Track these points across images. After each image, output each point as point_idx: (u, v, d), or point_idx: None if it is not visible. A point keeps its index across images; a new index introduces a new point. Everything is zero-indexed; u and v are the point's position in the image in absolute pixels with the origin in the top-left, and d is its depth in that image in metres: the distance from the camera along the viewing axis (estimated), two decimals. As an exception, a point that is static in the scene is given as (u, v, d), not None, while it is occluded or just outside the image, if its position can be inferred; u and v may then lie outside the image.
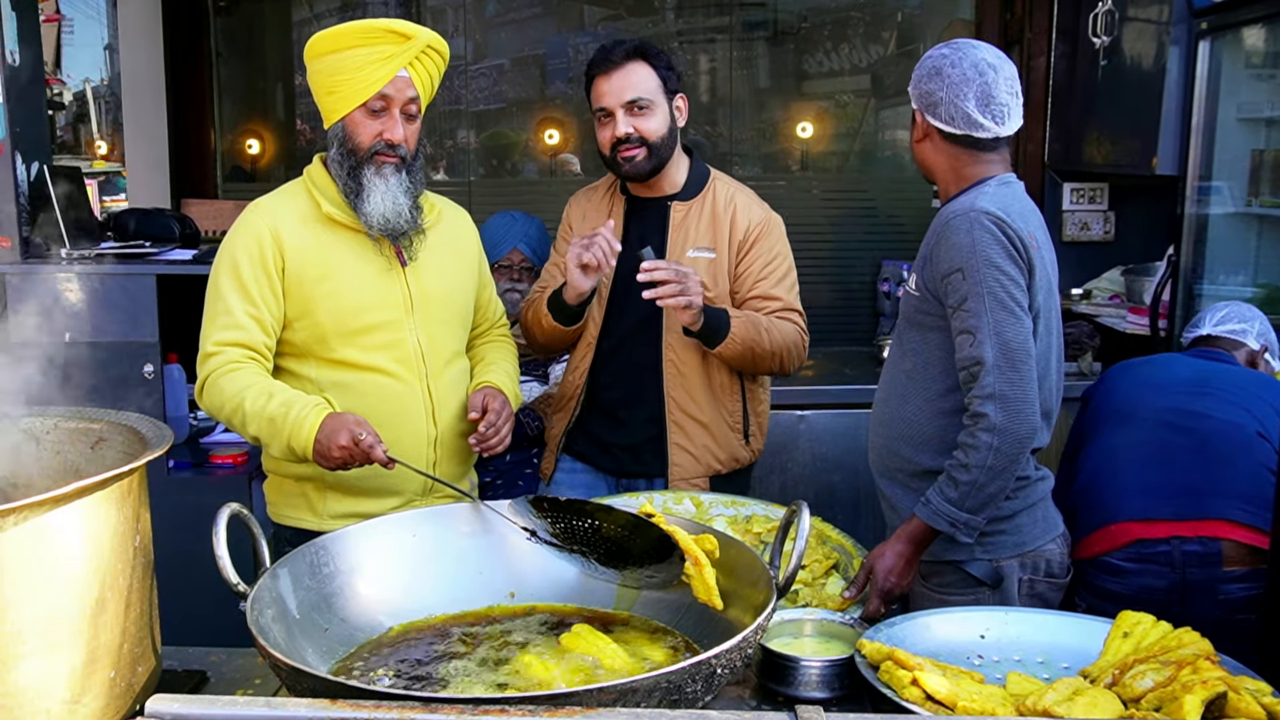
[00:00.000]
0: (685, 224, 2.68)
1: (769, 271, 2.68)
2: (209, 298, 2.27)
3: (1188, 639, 1.67)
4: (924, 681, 1.52)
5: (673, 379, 2.67)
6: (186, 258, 3.42)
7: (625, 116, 2.58)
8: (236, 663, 1.79)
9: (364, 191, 2.25)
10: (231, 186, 5.31)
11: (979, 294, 2.05)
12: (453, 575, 1.82)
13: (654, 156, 2.61)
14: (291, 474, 2.33)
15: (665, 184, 2.70)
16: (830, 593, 2.13)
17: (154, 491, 1.50)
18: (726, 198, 2.70)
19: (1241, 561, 2.31)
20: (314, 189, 2.32)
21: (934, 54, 2.20)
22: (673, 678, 1.33)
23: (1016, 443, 2.02)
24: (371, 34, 2.20)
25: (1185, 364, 2.75)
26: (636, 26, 5.41)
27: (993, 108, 2.14)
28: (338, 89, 2.24)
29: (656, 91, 2.60)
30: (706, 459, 2.69)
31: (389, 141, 2.25)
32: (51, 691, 1.26)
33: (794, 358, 2.67)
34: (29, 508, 1.21)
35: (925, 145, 2.25)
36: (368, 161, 2.25)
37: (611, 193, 2.78)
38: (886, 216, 5.36)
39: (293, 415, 2.12)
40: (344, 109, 2.25)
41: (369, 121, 2.24)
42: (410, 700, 1.27)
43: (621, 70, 2.57)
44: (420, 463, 2.30)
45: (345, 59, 2.21)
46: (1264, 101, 3.61)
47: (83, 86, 14.79)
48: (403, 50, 2.21)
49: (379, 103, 2.23)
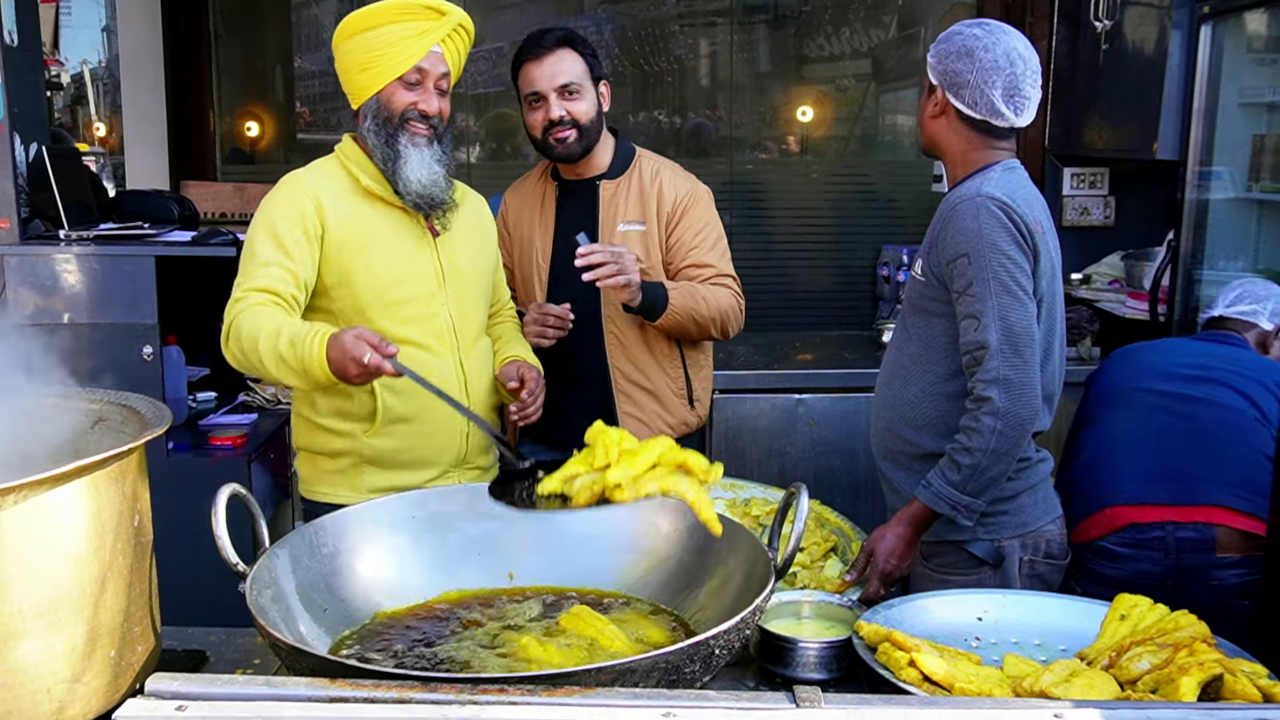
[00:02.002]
0: (614, 200, 2.78)
1: (700, 240, 2.78)
2: (243, 257, 2.27)
3: (1184, 621, 1.68)
4: (921, 663, 1.52)
5: (615, 350, 2.77)
6: (185, 239, 3.41)
7: (557, 100, 2.67)
8: (236, 643, 1.79)
9: (400, 159, 2.29)
10: (230, 169, 5.29)
11: (984, 279, 2.05)
12: (452, 556, 1.83)
13: (584, 138, 2.71)
14: (327, 450, 2.35)
15: (593, 165, 2.80)
16: (829, 575, 2.14)
17: (153, 473, 1.50)
18: (652, 173, 2.81)
19: (1235, 548, 2.31)
20: (350, 163, 2.35)
21: (965, 33, 2.18)
22: (671, 658, 1.34)
23: (1019, 426, 2.03)
24: (408, 10, 2.25)
25: (1187, 348, 2.74)
26: (635, 10, 5.38)
27: (1016, 99, 2.16)
28: (373, 64, 2.27)
29: (584, 77, 2.70)
30: (658, 424, 2.79)
31: (423, 112, 2.30)
32: (52, 670, 1.27)
33: (732, 322, 2.77)
34: (29, 486, 1.21)
35: (940, 122, 2.23)
36: (401, 129, 2.29)
37: (543, 179, 2.88)
38: (886, 201, 5.34)
39: (300, 350, 2.03)
40: (379, 83, 2.29)
41: (404, 93, 2.29)
42: (409, 679, 1.28)
43: (553, 56, 2.67)
44: (454, 436, 2.36)
45: (382, 34, 2.25)
46: (1265, 86, 3.60)
47: (81, 68, 14.73)
48: (438, 26, 2.27)
49: (415, 75, 2.28)
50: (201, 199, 4.48)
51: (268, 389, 3.84)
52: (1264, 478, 2.26)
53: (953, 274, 2.12)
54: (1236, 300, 2.81)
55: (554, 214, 2.83)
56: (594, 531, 1.85)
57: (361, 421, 2.30)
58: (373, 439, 2.30)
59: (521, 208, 2.90)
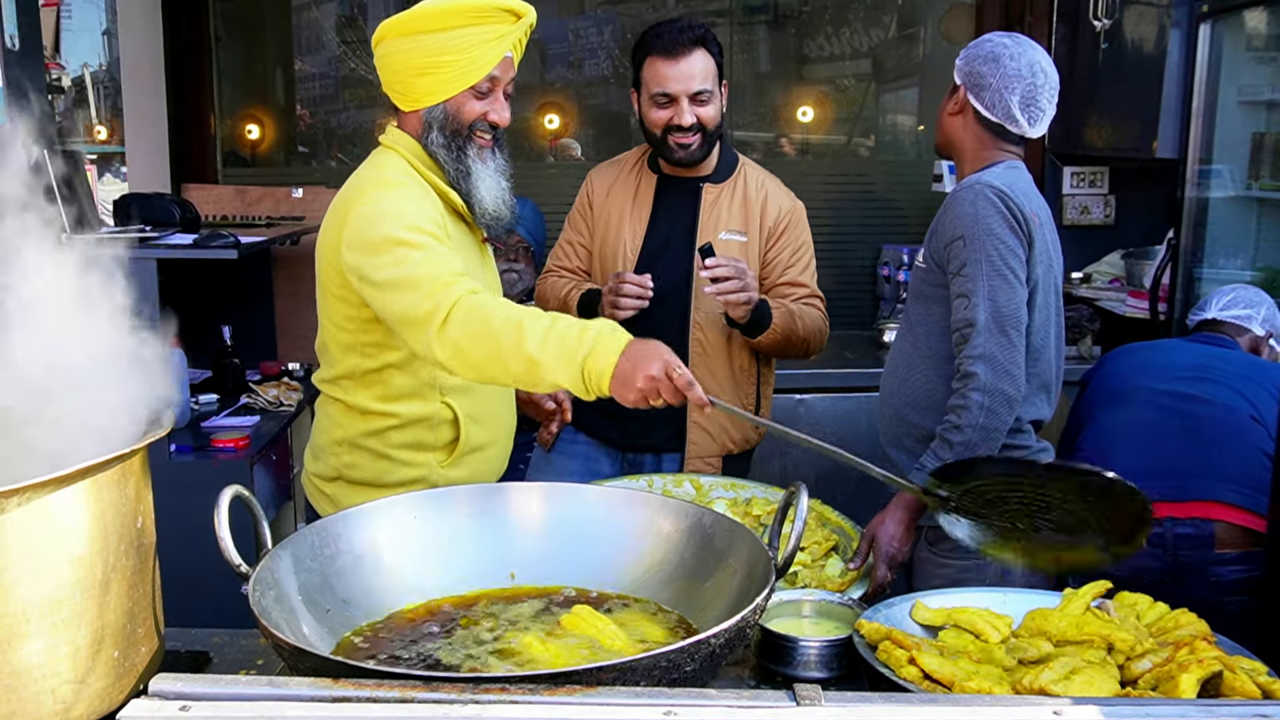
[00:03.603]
0: (717, 206, 2.71)
1: (796, 259, 2.75)
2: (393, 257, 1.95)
3: (1184, 620, 1.68)
4: (921, 661, 1.53)
5: (697, 359, 2.71)
6: (187, 242, 3.42)
7: (689, 105, 2.59)
8: (239, 643, 1.80)
9: (472, 175, 2.12)
10: (231, 171, 5.29)
11: (978, 260, 2.15)
12: (453, 557, 1.83)
13: (707, 143, 2.66)
14: (392, 480, 2.20)
15: (698, 166, 2.72)
16: (830, 574, 2.14)
17: (156, 475, 1.50)
18: (758, 184, 2.75)
19: (1233, 544, 2.32)
20: (434, 177, 2.14)
21: (995, 40, 2.30)
22: (672, 657, 1.34)
23: (1006, 403, 2.11)
24: (484, 12, 2.03)
25: (1184, 349, 2.75)
26: (636, 10, 5.38)
27: (1032, 110, 2.27)
28: (440, 69, 2.06)
29: (715, 80, 2.64)
30: (723, 439, 2.75)
31: (493, 123, 2.13)
32: (56, 671, 1.27)
33: (820, 342, 2.75)
34: (32, 489, 1.22)
35: (957, 120, 2.34)
36: (470, 140, 2.12)
37: (639, 167, 2.80)
38: (887, 201, 5.35)
39: (590, 334, 1.78)
40: (448, 91, 2.08)
41: (475, 103, 2.10)
42: (412, 679, 1.28)
43: (688, 58, 2.59)
44: (506, 458, 2.32)
45: (454, 38, 2.03)
46: (1265, 84, 3.61)
47: (81, 72, 14.73)
48: (514, 29, 2.07)
49: (487, 84, 2.10)
50: (203, 202, 4.49)
51: (270, 391, 3.84)
52: (1263, 473, 2.27)
53: (949, 256, 2.21)
54: (1230, 304, 2.84)
55: (649, 209, 2.74)
56: (595, 531, 1.86)
57: (438, 452, 2.21)
58: (448, 469, 2.21)
59: (613, 193, 2.80)
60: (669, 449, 2.74)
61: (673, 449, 2.73)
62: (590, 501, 1.91)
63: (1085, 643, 1.61)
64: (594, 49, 5.39)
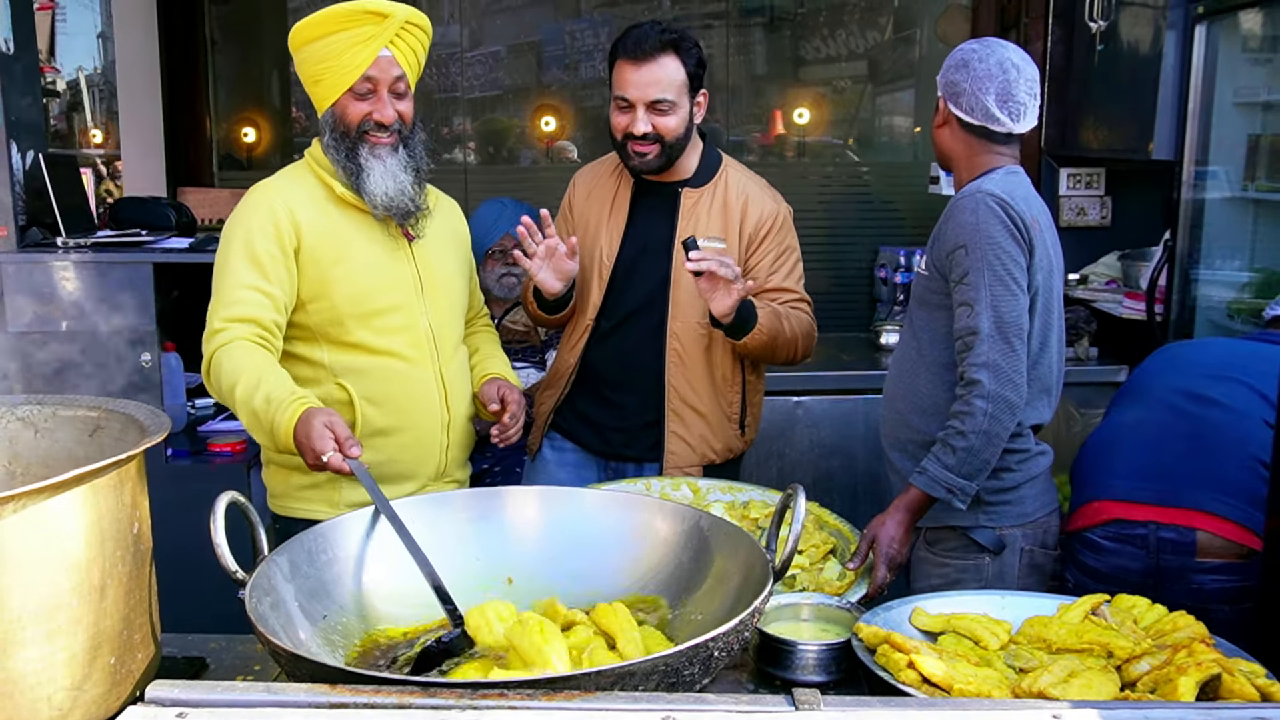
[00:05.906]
0: (695, 211, 2.64)
1: (779, 265, 2.67)
2: (217, 275, 2.22)
3: (1182, 622, 1.69)
4: (920, 664, 1.53)
5: (675, 368, 2.65)
6: (183, 246, 3.42)
7: (645, 113, 2.52)
8: (236, 649, 1.79)
9: (363, 172, 2.23)
10: (227, 174, 5.28)
11: (979, 268, 2.16)
12: (451, 561, 1.82)
13: (665, 154, 2.57)
14: (301, 464, 2.22)
15: (676, 170, 2.66)
16: (828, 577, 2.14)
17: (152, 480, 1.50)
18: (739, 188, 2.67)
19: (1216, 554, 2.30)
20: (321, 170, 2.29)
21: (964, 48, 2.33)
22: (670, 661, 1.34)
23: (1008, 409, 2.13)
24: (350, 17, 2.17)
25: (1220, 346, 2.73)
26: (632, 13, 5.38)
27: (1010, 105, 2.27)
28: (324, 76, 2.22)
29: (681, 90, 2.53)
30: (702, 449, 2.69)
31: (379, 122, 2.23)
32: (52, 677, 1.27)
33: (809, 346, 2.69)
34: (28, 495, 1.21)
35: (945, 131, 2.37)
36: (361, 141, 2.23)
37: (619, 172, 2.73)
38: (883, 202, 5.35)
39: (273, 414, 2.01)
40: (331, 96, 2.23)
41: (358, 104, 2.22)
42: (409, 685, 1.28)
43: (652, 64, 2.50)
44: (433, 448, 2.32)
45: (328, 45, 2.19)
46: (1260, 86, 3.60)
47: (76, 75, 14.72)
48: (382, 30, 2.18)
49: (365, 85, 2.21)
50: (199, 205, 4.48)
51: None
52: (1255, 485, 2.27)
53: (951, 264, 2.22)
54: None
55: (626, 213, 2.68)
56: (593, 535, 1.85)
57: None
58: None
59: (591, 197, 2.75)
60: (649, 459, 2.71)
61: (653, 459, 2.70)
62: (587, 505, 1.91)
63: (1084, 650, 1.62)
64: (590, 51, 5.39)
